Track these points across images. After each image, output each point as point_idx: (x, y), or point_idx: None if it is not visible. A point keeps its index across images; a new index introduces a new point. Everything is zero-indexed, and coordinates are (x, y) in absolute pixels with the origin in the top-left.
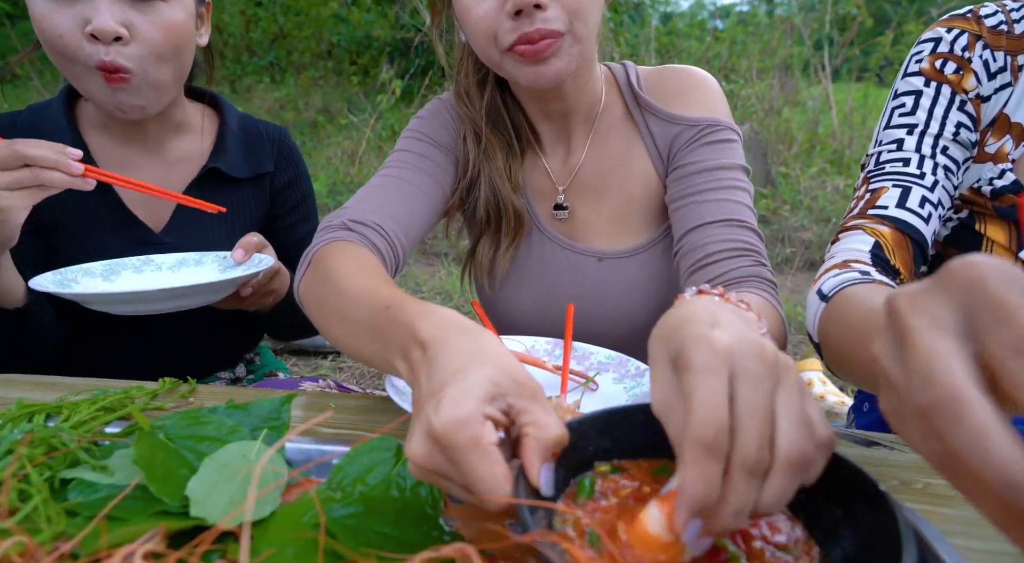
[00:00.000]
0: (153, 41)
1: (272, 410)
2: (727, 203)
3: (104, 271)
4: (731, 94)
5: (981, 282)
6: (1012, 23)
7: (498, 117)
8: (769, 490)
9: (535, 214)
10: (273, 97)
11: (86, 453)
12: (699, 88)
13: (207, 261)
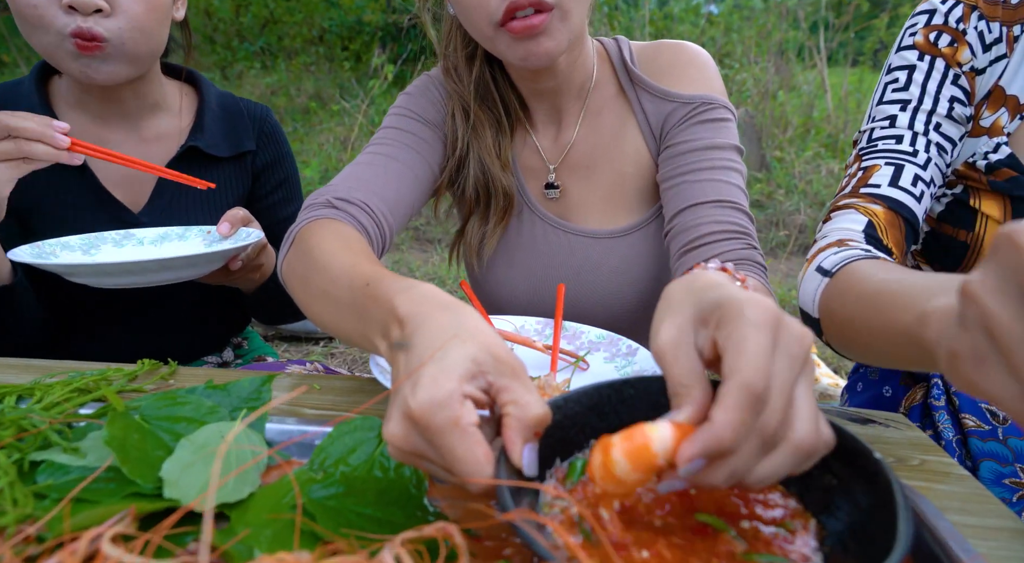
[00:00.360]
0: (135, 14)
1: (252, 390)
2: (720, 184)
3: (83, 245)
4: (726, 78)
5: None
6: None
7: (487, 93)
8: (768, 465)
9: (526, 193)
10: (264, 83)
11: (58, 435)
12: (693, 64)
13: (191, 235)
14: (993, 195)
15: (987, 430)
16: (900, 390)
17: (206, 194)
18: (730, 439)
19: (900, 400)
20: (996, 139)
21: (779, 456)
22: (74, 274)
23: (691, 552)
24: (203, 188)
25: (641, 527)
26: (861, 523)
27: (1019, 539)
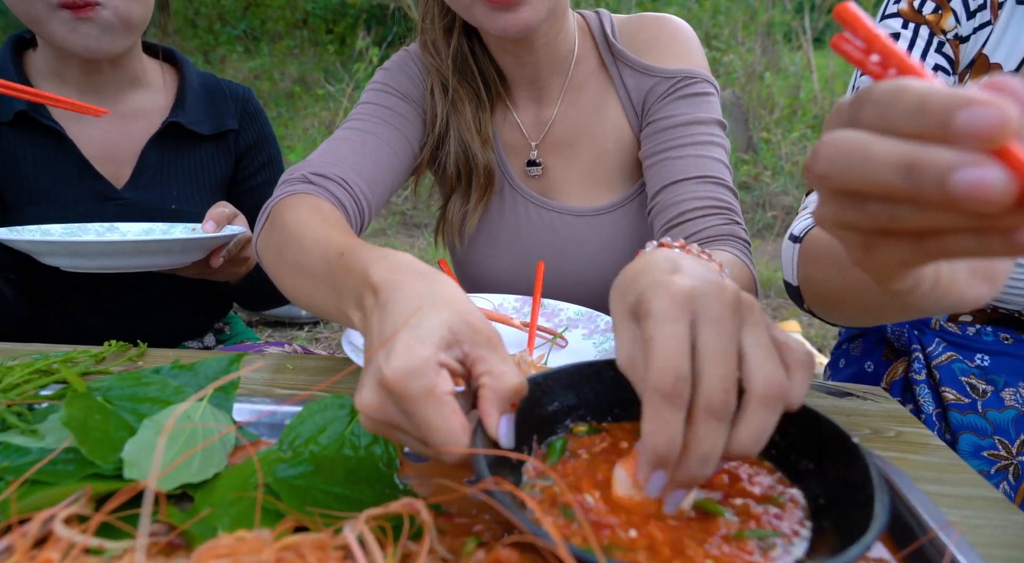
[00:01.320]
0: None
1: (220, 370)
2: (703, 159)
3: (64, 234)
4: (713, 60)
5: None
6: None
7: (465, 67)
8: (746, 429)
9: (507, 171)
10: (248, 67)
11: (17, 417)
12: (675, 38)
13: (175, 232)
14: None
15: (967, 403)
16: (882, 365)
17: (189, 171)
18: (665, 444)
19: (882, 375)
20: None
21: (751, 416)
22: (47, 254)
23: (684, 532)
24: (98, 116)
25: (630, 510)
26: (839, 507)
27: (993, 507)
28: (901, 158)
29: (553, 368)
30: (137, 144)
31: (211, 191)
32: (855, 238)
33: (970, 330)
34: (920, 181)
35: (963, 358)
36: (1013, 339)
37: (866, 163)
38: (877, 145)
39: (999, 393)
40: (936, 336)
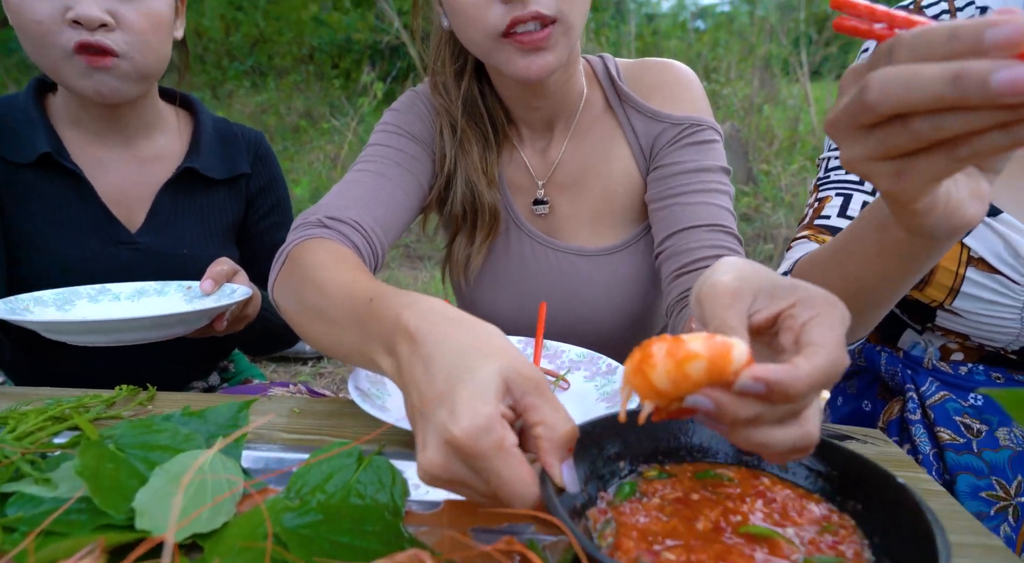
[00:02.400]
0: (140, 28)
1: (229, 417)
2: (711, 207)
3: (57, 300)
4: (712, 93)
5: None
6: (955, 11)
7: (475, 108)
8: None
9: (513, 209)
10: (255, 102)
11: (30, 465)
12: (680, 84)
13: (169, 291)
14: None
15: (962, 443)
16: (878, 404)
17: (201, 216)
18: (798, 389)
19: (879, 414)
20: None
21: (792, 431)
22: (49, 332)
23: (751, 560)
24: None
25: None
26: (895, 544)
27: (993, 555)
28: (947, 71)
29: (601, 415)
30: (152, 188)
31: (222, 235)
32: (887, 167)
33: (962, 369)
34: (967, 86)
35: (956, 397)
36: (1004, 378)
37: (917, 82)
38: (923, 68)
39: (993, 432)
40: (929, 375)
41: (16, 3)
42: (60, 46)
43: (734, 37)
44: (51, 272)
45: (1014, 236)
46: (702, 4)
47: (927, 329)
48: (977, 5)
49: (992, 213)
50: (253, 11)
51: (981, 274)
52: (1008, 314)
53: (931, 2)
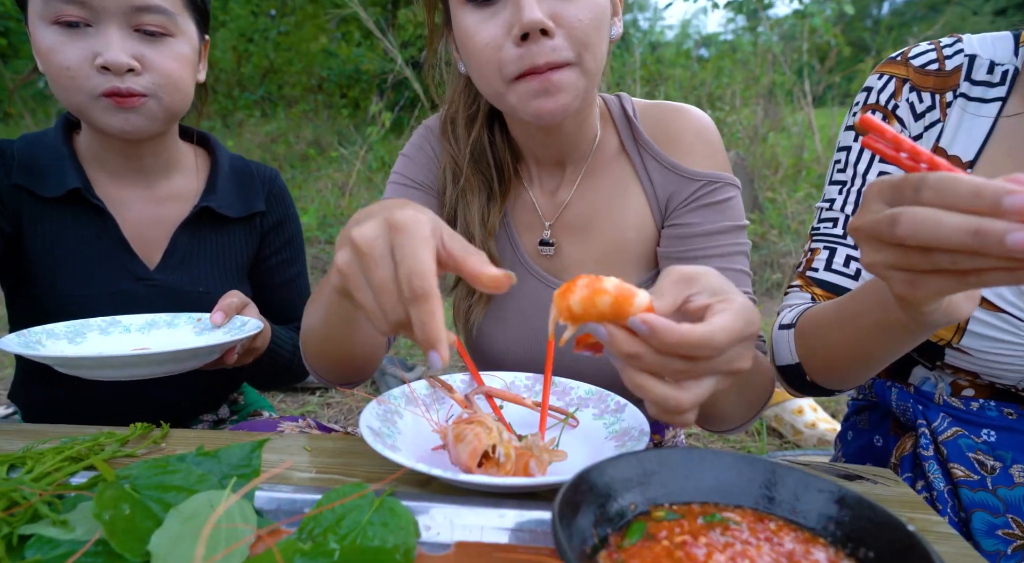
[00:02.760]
0: (166, 71)
1: (243, 457)
2: (728, 272)
3: (68, 333)
4: (717, 120)
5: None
6: (943, 59)
7: (482, 157)
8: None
9: (519, 249)
10: (264, 131)
11: (48, 507)
12: (699, 136)
13: (180, 323)
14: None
15: (976, 480)
16: (891, 439)
17: (217, 254)
18: (672, 339)
19: (891, 450)
20: None
21: (667, 391)
22: (64, 366)
23: None
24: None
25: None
26: None
27: None
28: (971, 225)
29: (615, 456)
30: (169, 227)
31: (236, 272)
32: (904, 277)
33: (973, 405)
34: (985, 240)
35: (969, 433)
36: (1017, 414)
37: (943, 229)
38: (950, 217)
39: (1008, 469)
40: (941, 411)
41: (46, 49)
42: (89, 91)
43: (738, 66)
44: (70, 306)
45: None
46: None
47: (937, 367)
48: (966, 53)
49: None
50: (264, 43)
51: (986, 313)
52: (1016, 352)
53: (921, 51)
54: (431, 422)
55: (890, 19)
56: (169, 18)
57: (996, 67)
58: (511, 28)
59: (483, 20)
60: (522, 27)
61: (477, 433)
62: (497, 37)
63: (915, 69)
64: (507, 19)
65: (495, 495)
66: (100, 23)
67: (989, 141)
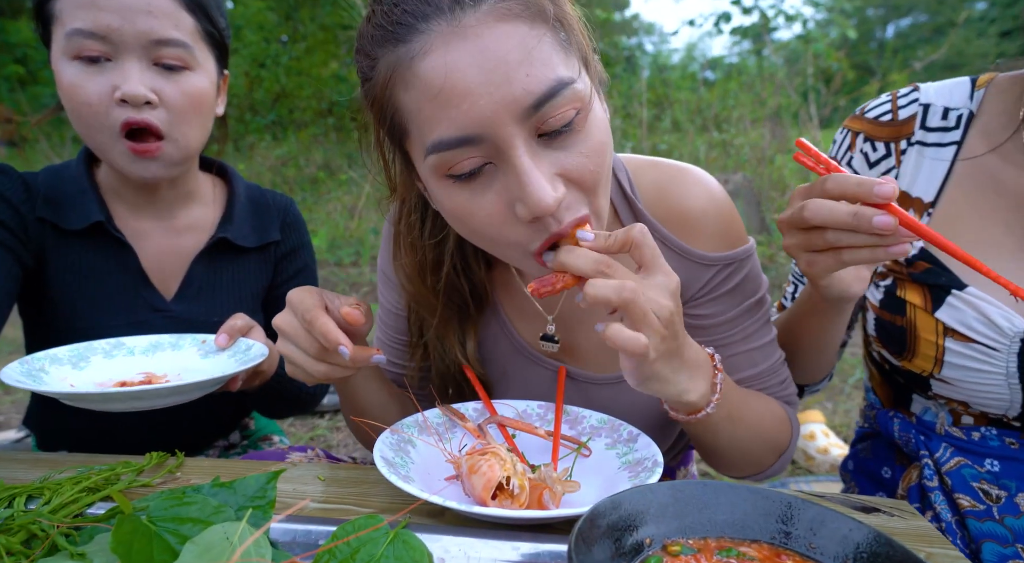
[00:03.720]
0: (181, 106)
1: (258, 488)
2: (753, 353)
3: (72, 357)
4: (723, 143)
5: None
6: (897, 110)
7: (455, 290)
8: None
9: (517, 341)
10: (275, 154)
11: (66, 539)
12: (709, 215)
13: (184, 344)
14: (914, 285)
15: (982, 510)
16: (897, 470)
17: (232, 284)
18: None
19: (898, 481)
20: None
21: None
22: (69, 401)
23: None
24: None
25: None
26: None
27: None
28: (852, 209)
29: (624, 491)
30: (186, 258)
31: (252, 302)
32: (807, 256)
33: (975, 434)
34: (859, 220)
35: (972, 463)
36: (1019, 443)
37: (834, 210)
38: (837, 204)
39: (1013, 499)
40: (943, 441)
41: (68, 85)
42: (109, 126)
43: (743, 89)
44: (88, 336)
45: (986, 306)
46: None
47: (931, 397)
48: (920, 102)
49: (959, 287)
50: (275, 68)
51: (959, 344)
52: (994, 381)
53: (877, 104)
54: (444, 452)
55: (895, 42)
56: (187, 51)
57: (951, 112)
58: (512, 203)
59: (474, 196)
60: (532, 214)
61: (491, 465)
62: (499, 214)
63: (869, 121)
64: (503, 190)
65: (509, 527)
66: (120, 57)
67: (947, 183)
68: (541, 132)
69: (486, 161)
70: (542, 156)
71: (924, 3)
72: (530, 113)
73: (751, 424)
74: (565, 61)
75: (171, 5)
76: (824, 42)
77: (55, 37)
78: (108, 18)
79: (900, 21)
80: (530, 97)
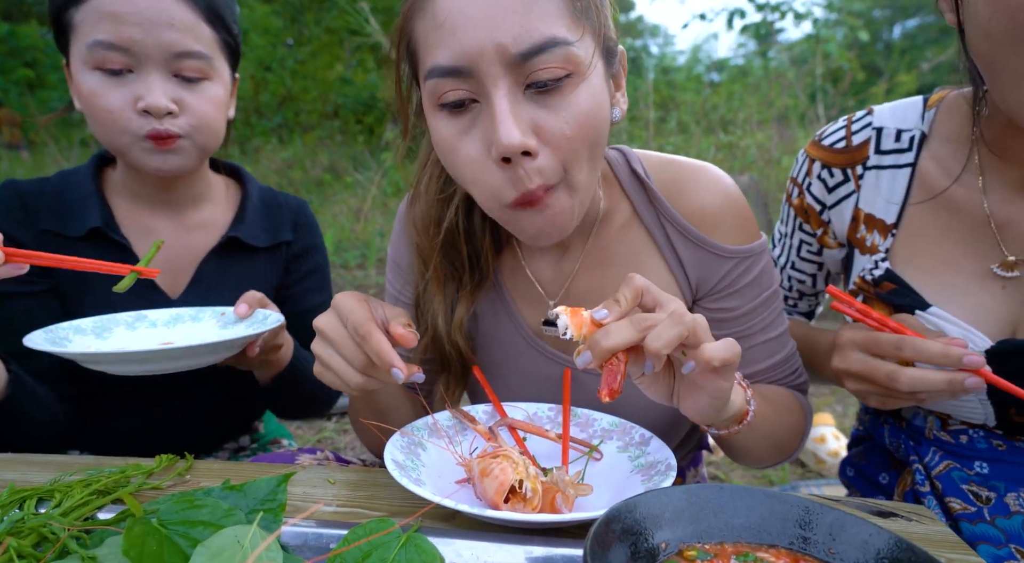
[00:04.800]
0: (202, 114)
1: (269, 491)
2: (771, 343)
3: (95, 328)
4: (730, 145)
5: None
6: (851, 136)
7: (452, 247)
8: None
9: (522, 327)
10: (281, 157)
11: (76, 542)
12: (727, 209)
13: (204, 317)
14: (881, 304)
15: (973, 512)
16: (893, 475)
17: (242, 283)
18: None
19: (895, 486)
20: (875, 257)
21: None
22: (88, 362)
23: None
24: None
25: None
26: None
27: None
28: (946, 377)
29: (639, 495)
30: (197, 256)
31: None
32: (879, 399)
33: (963, 437)
34: (954, 386)
35: (961, 466)
36: (1007, 445)
37: (927, 382)
38: (931, 375)
39: (1002, 499)
40: (932, 446)
41: (88, 93)
42: (131, 132)
43: (749, 90)
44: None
45: (948, 326)
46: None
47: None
48: (874, 126)
49: (922, 306)
50: (281, 71)
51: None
52: (966, 397)
53: (832, 131)
54: (455, 455)
55: (902, 43)
56: (207, 63)
57: (903, 134)
58: (489, 145)
59: (461, 132)
60: (502, 153)
61: (503, 468)
62: (478, 155)
63: (825, 148)
64: (483, 131)
65: (521, 531)
66: (142, 69)
67: (906, 204)
68: (527, 83)
69: (472, 97)
70: (522, 105)
71: (931, 4)
72: (518, 61)
73: (775, 422)
74: (569, 24)
75: (192, 17)
76: (834, 42)
77: (74, 45)
78: (131, 31)
79: (907, 22)
80: (518, 46)
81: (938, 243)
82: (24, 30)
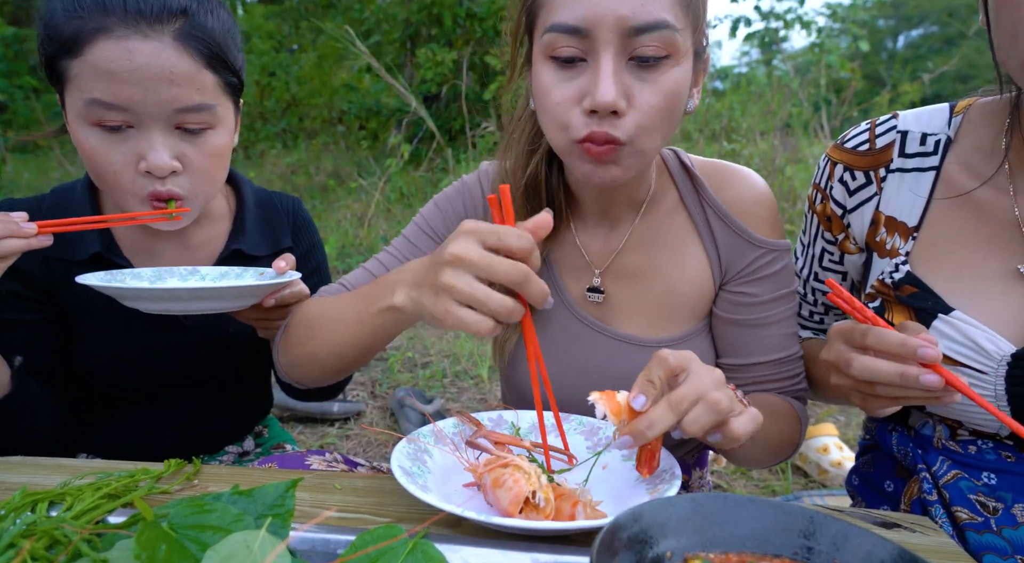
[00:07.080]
0: (205, 167)
1: (277, 496)
2: (782, 338)
3: (152, 277)
4: (733, 153)
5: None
6: (875, 138)
7: (535, 192)
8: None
9: (564, 294)
10: (285, 162)
11: (88, 545)
12: (760, 204)
13: (247, 275)
14: (901, 307)
15: (980, 522)
16: (899, 484)
17: None
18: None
19: (901, 495)
20: (895, 260)
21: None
22: (123, 298)
23: None
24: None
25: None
26: None
27: None
28: (897, 369)
29: (644, 503)
30: None
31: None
32: (859, 396)
33: (971, 448)
34: (907, 380)
35: (969, 476)
36: (1015, 457)
37: (881, 370)
38: (882, 364)
39: (1009, 510)
40: (940, 455)
41: (91, 152)
42: (134, 193)
43: (752, 98)
44: (101, 362)
45: (971, 330)
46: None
47: (926, 413)
48: (898, 130)
49: (945, 311)
50: (286, 77)
51: (947, 367)
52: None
53: (856, 133)
54: (463, 460)
55: (905, 52)
56: (211, 113)
57: (928, 138)
58: (583, 97)
59: (560, 81)
60: (594, 106)
61: (516, 478)
62: (569, 99)
63: (848, 151)
64: (583, 86)
65: (528, 538)
66: (143, 126)
67: (929, 207)
68: (631, 56)
69: (581, 56)
70: (623, 72)
71: (935, 14)
72: (630, 34)
73: (774, 432)
74: (678, 14)
75: (192, 66)
76: (836, 53)
77: (70, 97)
78: (130, 90)
79: (911, 32)
80: (635, 20)
81: (961, 246)
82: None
